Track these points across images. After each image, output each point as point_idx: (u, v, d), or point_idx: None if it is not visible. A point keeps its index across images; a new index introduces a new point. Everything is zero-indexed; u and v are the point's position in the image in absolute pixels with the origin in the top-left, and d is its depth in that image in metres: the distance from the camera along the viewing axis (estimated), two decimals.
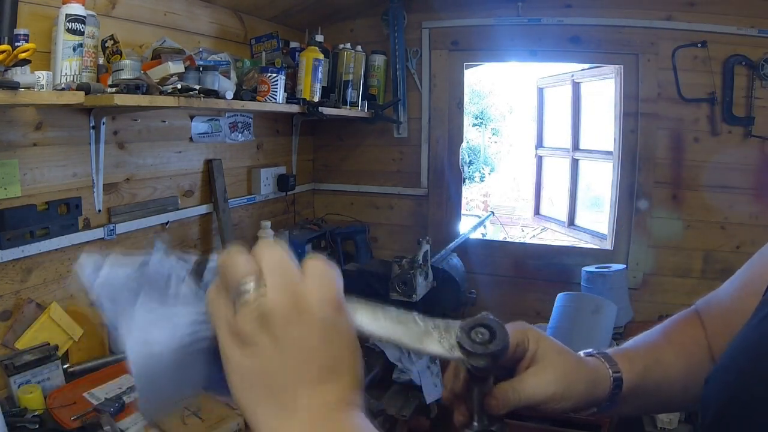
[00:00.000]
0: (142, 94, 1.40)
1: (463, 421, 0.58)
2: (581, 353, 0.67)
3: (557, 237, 3.82)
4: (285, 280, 0.40)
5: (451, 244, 2.57)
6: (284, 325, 0.38)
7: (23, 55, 1.10)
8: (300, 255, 2.12)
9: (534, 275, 2.74)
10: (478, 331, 0.51)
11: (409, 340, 0.50)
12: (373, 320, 0.49)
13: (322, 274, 0.42)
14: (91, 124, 1.67)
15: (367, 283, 2.29)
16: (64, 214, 1.60)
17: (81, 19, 1.31)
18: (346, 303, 0.44)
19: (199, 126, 2.16)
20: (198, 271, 0.46)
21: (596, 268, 2.51)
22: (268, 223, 2.23)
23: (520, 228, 6.62)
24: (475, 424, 0.56)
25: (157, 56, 1.61)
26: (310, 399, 0.39)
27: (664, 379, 0.69)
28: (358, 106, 2.56)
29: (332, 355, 0.40)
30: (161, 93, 1.47)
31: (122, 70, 1.45)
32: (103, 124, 1.69)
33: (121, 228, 1.80)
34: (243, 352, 0.39)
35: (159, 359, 0.41)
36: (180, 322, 0.42)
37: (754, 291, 0.63)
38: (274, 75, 1.94)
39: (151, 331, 0.42)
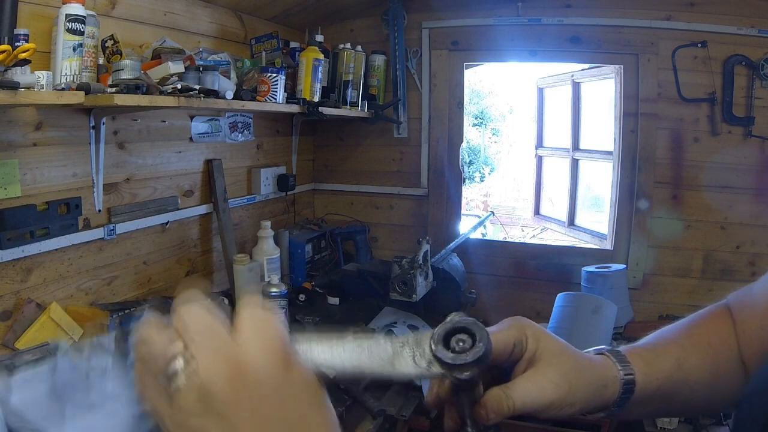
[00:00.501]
0: (142, 94, 1.39)
1: (453, 427, 0.52)
2: (590, 351, 0.59)
3: (557, 237, 3.82)
4: (216, 347, 0.33)
5: (451, 244, 2.57)
6: (229, 400, 0.32)
7: (23, 55, 1.10)
8: (300, 255, 2.10)
9: (534, 275, 2.75)
10: (457, 338, 0.44)
11: (378, 366, 0.44)
12: (332, 355, 0.42)
13: (257, 326, 0.35)
14: (91, 124, 1.67)
15: (367, 283, 2.29)
16: (64, 214, 1.60)
17: (81, 19, 1.31)
18: (295, 346, 0.38)
19: (199, 126, 2.16)
20: (121, 350, 0.41)
21: (596, 268, 2.51)
22: (268, 223, 2.23)
23: (520, 228, 6.63)
24: (469, 430, 0.50)
25: (157, 56, 1.61)
26: None
27: (684, 384, 0.60)
28: (358, 106, 2.56)
29: (294, 419, 0.34)
30: (161, 93, 1.47)
31: (122, 70, 1.45)
32: (103, 124, 1.69)
33: (121, 228, 1.80)
34: None
35: None
36: (118, 423, 0.38)
37: None
38: (274, 75, 1.94)
39: None
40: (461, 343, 0.43)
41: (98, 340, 0.42)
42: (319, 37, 2.37)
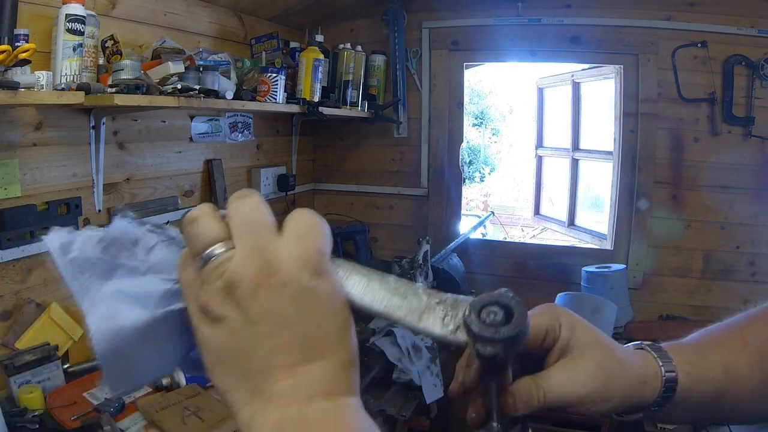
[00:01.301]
0: (142, 94, 1.40)
1: (477, 419, 0.48)
2: (629, 345, 0.55)
3: (557, 237, 3.82)
4: (255, 240, 0.34)
5: (451, 244, 2.57)
6: (251, 295, 0.32)
7: (23, 55, 1.10)
8: None
9: (534, 275, 2.75)
10: (490, 310, 0.41)
11: (405, 315, 0.41)
12: (367, 289, 0.41)
13: (301, 230, 0.35)
14: (91, 124, 1.67)
15: None
16: (64, 214, 1.60)
17: (81, 19, 1.31)
18: (333, 265, 0.37)
19: (199, 126, 2.16)
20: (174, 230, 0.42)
21: (596, 268, 2.51)
22: None
23: (520, 228, 6.63)
24: (495, 424, 0.46)
25: (157, 56, 1.61)
26: (286, 383, 0.33)
27: (729, 389, 0.56)
28: (358, 106, 2.56)
29: (311, 329, 0.34)
30: (161, 93, 1.47)
31: (122, 70, 1.45)
32: (103, 124, 1.69)
33: None
34: (212, 330, 0.34)
35: (127, 334, 0.37)
36: (151, 294, 0.38)
37: None
38: (274, 75, 1.94)
39: (118, 303, 0.38)
40: (493, 316, 0.40)
41: (158, 225, 0.43)
42: (319, 37, 2.37)
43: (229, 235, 0.34)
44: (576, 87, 3.30)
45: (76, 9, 1.30)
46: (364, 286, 0.41)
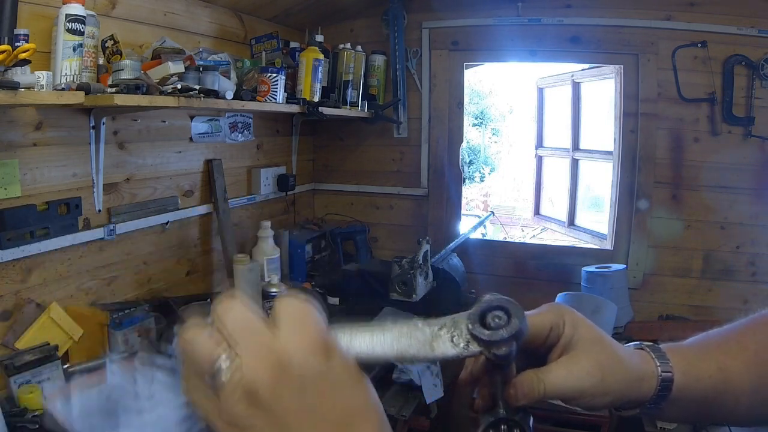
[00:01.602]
0: (142, 94, 1.39)
1: (484, 406, 0.52)
2: (629, 345, 0.58)
3: (557, 237, 3.82)
4: (257, 342, 0.34)
5: (451, 244, 2.57)
6: (273, 395, 0.33)
7: (23, 55, 1.10)
8: (300, 255, 2.10)
9: (534, 275, 2.75)
10: (493, 315, 0.45)
11: (418, 351, 0.44)
12: (373, 343, 0.43)
13: (296, 318, 0.36)
14: (91, 124, 1.67)
15: (367, 283, 2.29)
16: (64, 214, 1.60)
17: (81, 19, 1.31)
18: (336, 337, 0.39)
19: (199, 126, 2.16)
20: (167, 355, 0.41)
21: (596, 268, 2.51)
22: (268, 223, 2.23)
23: (520, 228, 6.63)
24: (501, 410, 0.50)
25: (157, 56, 1.61)
26: None
27: (727, 390, 0.58)
28: (358, 106, 2.56)
29: (339, 407, 0.34)
30: (161, 93, 1.47)
31: (122, 70, 1.45)
32: (103, 124, 1.69)
33: (121, 228, 1.80)
34: None
35: None
36: (168, 427, 0.38)
37: None
38: (274, 75, 1.94)
39: None
40: (497, 320, 0.44)
41: (144, 352, 0.43)
42: (319, 37, 2.37)
43: (228, 343, 0.34)
44: (576, 87, 3.30)
45: (76, 9, 1.30)
46: (369, 341, 0.43)
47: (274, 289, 1.75)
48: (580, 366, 0.51)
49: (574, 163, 3.35)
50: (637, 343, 0.58)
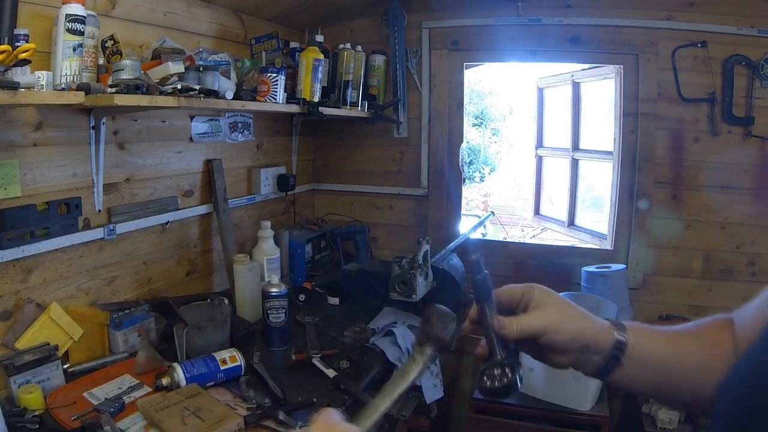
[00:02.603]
0: (142, 94, 1.39)
1: (482, 353, 0.71)
2: (595, 317, 0.74)
3: (557, 237, 3.82)
4: None
5: (451, 244, 2.57)
6: None
7: (23, 55, 1.10)
8: (300, 255, 2.13)
9: (534, 275, 2.74)
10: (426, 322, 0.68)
11: (401, 387, 0.63)
12: (380, 409, 0.63)
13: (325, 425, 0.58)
14: (91, 124, 1.67)
15: (367, 283, 2.29)
16: (64, 214, 1.60)
17: (81, 19, 1.31)
18: (357, 426, 0.59)
19: (199, 126, 2.16)
20: None
21: (596, 268, 2.51)
22: (268, 223, 2.23)
23: (520, 228, 6.63)
24: (499, 356, 0.68)
25: (157, 56, 1.60)
26: None
27: (677, 364, 0.70)
28: (358, 106, 2.56)
29: None
30: (161, 93, 1.47)
31: (122, 70, 1.45)
32: (103, 124, 1.69)
33: (121, 228, 1.80)
34: None
35: None
36: None
37: None
38: (274, 75, 1.94)
39: None
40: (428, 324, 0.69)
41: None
42: (319, 37, 2.36)
43: None
44: (576, 87, 3.30)
45: (76, 9, 1.30)
46: (378, 411, 0.62)
47: (274, 289, 1.75)
48: (546, 311, 0.71)
49: (574, 163, 3.35)
50: (606, 318, 0.75)
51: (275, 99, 1.95)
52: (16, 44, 1.18)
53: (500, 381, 0.66)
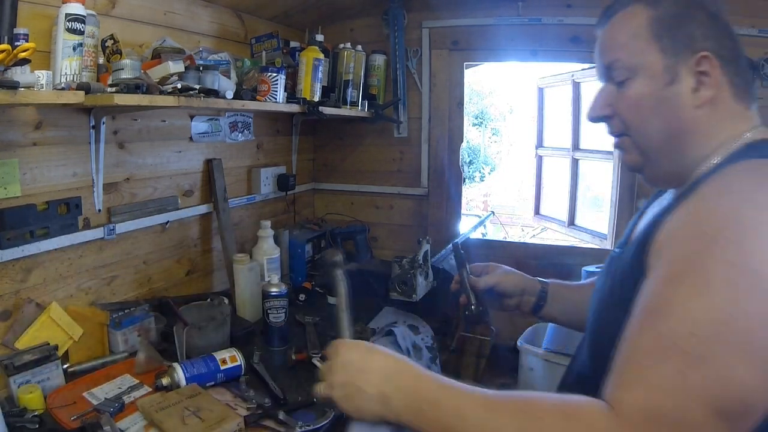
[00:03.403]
0: (142, 93, 1.39)
1: (464, 301, 1.28)
2: (526, 275, 1.36)
3: (557, 237, 3.82)
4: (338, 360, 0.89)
5: (451, 244, 2.56)
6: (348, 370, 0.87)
7: (23, 55, 1.10)
8: (300, 255, 2.15)
9: (534, 275, 2.73)
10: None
11: (345, 302, 1.01)
12: (345, 327, 1.00)
13: (353, 348, 0.90)
14: (91, 124, 1.67)
15: (367, 283, 2.28)
16: (64, 213, 1.60)
17: (81, 19, 1.31)
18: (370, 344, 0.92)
19: (199, 126, 2.16)
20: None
21: (596, 267, 2.51)
22: (268, 223, 2.22)
23: (520, 228, 6.63)
24: (473, 301, 1.27)
25: (157, 56, 1.60)
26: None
27: (581, 301, 1.18)
28: (358, 105, 2.56)
29: (378, 368, 0.85)
30: (161, 93, 1.46)
31: (122, 69, 1.44)
32: (103, 123, 1.69)
33: (121, 228, 1.80)
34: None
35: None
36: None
37: None
38: (274, 75, 1.94)
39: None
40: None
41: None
42: (319, 37, 2.36)
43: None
44: (576, 87, 3.30)
45: (76, 8, 1.30)
46: (347, 326, 0.99)
47: (274, 289, 1.75)
48: (497, 272, 1.32)
49: (574, 163, 3.35)
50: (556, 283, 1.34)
51: (275, 98, 1.95)
52: (16, 43, 1.18)
53: (474, 313, 1.25)
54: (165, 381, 1.41)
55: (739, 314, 0.64)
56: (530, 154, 4.46)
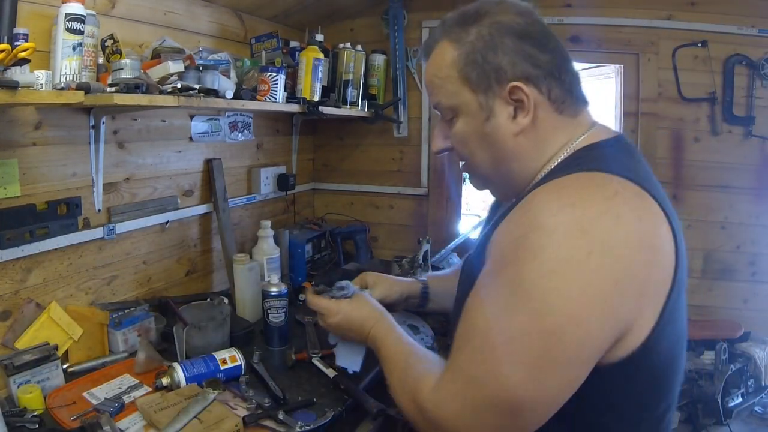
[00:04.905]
0: (142, 93, 1.39)
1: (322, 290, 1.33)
2: (407, 279, 1.45)
3: None
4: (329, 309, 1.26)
5: (451, 244, 2.56)
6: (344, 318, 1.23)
7: (23, 55, 1.09)
8: (300, 255, 2.20)
9: None
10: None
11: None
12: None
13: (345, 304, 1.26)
14: (90, 124, 1.67)
15: None
16: (63, 213, 1.59)
17: (81, 19, 1.31)
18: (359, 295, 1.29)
19: (199, 125, 2.16)
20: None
21: None
22: (268, 223, 2.22)
23: None
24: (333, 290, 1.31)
25: (157, 56, 1.60)
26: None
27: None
28: (358, 105, 2.56)
29: (358, 317, 1.22)
30: (161, 92, 1.46)
31: (122, 69, 1.44)
32: (103, 123, 1.69)
33: (121, 228, 1.80)
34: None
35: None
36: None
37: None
38: (274, 74, 1.94)
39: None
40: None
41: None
42: (319, 37, 2.36)
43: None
44: None
45: (76, 8, 1.30)
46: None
47: (274, 289, 1.75)
48: (380, 287, 1.37)
49: None
50: (415, 277, 1.48)
51: (275, 98, 1.95)
52: (16, 43, 1.18)
53: None
54: (165, 381, 1.41)
55: (505, 325, 0.75)
56: None
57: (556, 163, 0.91)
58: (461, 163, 1.04)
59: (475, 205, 3.97)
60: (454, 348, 0.83)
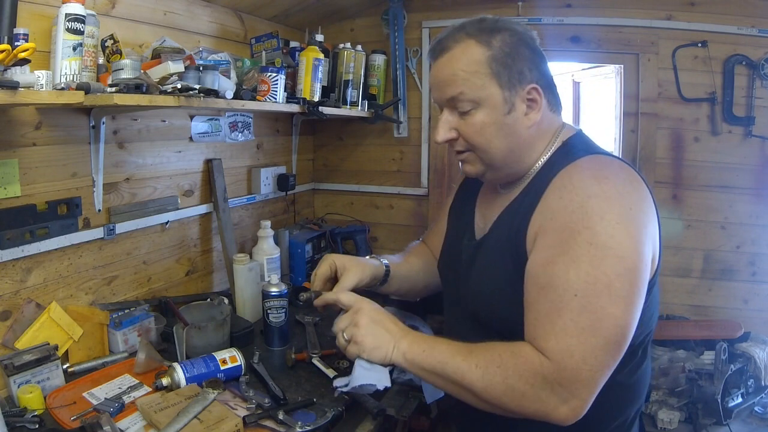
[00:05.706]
0: (142, 93, 1.39)
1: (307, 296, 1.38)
2: (368, 258, 1.45)
3: None
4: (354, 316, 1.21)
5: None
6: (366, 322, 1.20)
7: (23, 55, 1.10)
8: (300, 255, 2.21)
9: None
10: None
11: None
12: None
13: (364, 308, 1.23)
14: (90, 124, 1.67)
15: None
16: (63, 213, 1.59)
17: (81, 19, 1.31)
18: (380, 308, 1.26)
19: (199, 126, 2.16)
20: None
21: None
22: (268, 223, 2.22)
23: None
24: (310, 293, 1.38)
25: (157, 56, 1.60)
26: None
27: (411, 270, 1.49)
28: (358, 105, 2.56)
29: (382, 328, 1.18)
30: (161, 92, 1.46)
31: (122, 69, 1.44)
32: (103, 123, 1.69)
33: (121, 228, 1.80)
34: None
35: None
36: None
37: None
38: (274, 74, 1.94)
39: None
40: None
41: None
42: (319, 37, 2.36)
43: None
44: (576, 86, 3.30)
45: (76, 8, 1.30)
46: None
47: (274, 289, 1.75)
48: (351, 276, 1.35)
49: None
50: (375, 256, 1.47)
51: (275, 98, 1.95)
52: (16, 43, 1.18)
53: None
54: (165, 381, 1.41)
55: (599, 275, 0.92)
56: None
57: (551, 152, 1.14)
58: (461, 153, 1.18)
59: None
60: (543, 317, 0.95)
